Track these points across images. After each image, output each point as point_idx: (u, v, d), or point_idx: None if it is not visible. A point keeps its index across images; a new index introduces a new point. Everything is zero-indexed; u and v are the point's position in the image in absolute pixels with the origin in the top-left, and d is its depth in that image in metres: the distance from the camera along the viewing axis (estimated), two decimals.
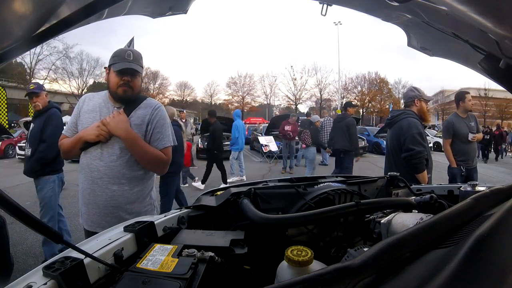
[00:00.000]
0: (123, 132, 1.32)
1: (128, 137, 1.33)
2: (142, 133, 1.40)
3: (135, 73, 1.39)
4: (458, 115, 3.27)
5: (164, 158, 1.44)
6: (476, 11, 0.50)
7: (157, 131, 1.43)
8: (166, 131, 1.46)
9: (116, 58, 1.37)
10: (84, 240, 0.72)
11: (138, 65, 1.39)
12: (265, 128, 12.13)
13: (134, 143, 1.35)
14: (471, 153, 3.24)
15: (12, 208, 0.44)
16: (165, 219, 0.84)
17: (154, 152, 1.40)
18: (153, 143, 1.42)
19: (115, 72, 1.35)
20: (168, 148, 1.46)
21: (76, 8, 0.42)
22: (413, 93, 2.36)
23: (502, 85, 0.87)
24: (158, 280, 0.50)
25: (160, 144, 1.43)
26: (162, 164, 1.45)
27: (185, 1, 1.04)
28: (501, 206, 0.53)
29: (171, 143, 1.49)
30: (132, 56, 1.37)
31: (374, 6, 1.03)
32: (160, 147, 1.43)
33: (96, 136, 1.32)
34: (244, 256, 0.68)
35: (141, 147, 1.36)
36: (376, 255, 0.40)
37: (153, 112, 1.45)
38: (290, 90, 36.67)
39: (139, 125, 1.40)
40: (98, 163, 1.35)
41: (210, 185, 5.80)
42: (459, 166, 3.19)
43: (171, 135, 1.51)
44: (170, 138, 1.49)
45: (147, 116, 1.43)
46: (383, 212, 0.81)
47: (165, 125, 1.47)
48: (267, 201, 0.98)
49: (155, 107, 1.47)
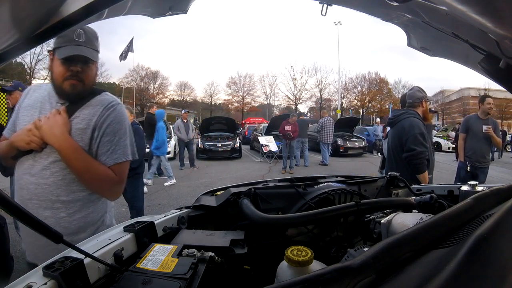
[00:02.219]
0: (57, 139, 0.98)
1: (63, 147, 0.98)
2: (86, 142, 1.03)
3: (88, 60, 1.03)
4: (477, 115, 3.54)
5: (114, 178, 1.06)
6: (476, 11, 0.50)
7: (106, 140, 1.05)
8: (121, 140, 1.08)
9: (61, 40, 0.98)
10: (84, 240, 0.72)
11: (92, 49, 1.03)
12: (265, 128, 12.12)
13: (71, 155, 0.99)
14: (478, 151, 3.45)
15: (12, 208, 0.44)
16: (165, 219, 0.84)
17: (99, 169, 1.03)
18: (100, 156, 1.05)
19: (60, 60, 0.99)
20: (122, 164, 1.08)
21: (76, 8, 0.42)
22: (421, 94, 2.36)
23: (502, 85, 0.87)
24: (158, 280, 0.50)
25: (110, 159, 1.05)
26: (110, 187, 1.07)
27: (185, 1, 1.04)
28: (501, 206, 0.53)
29: (128, 158, 1.10)
30: (83, 36, 1.00)
31: (374, 6, 1.03)
32: (109, 162, 1.05)
33: (26, 143, 0.98)
34: (244, 256, 0.68)
35: (80, 161, 1.00)
36: (376, 255, 0.40)
37: (104, 112, 1.07)
38: (290, 90, 36.68)
39: (83, 129, 1.03)
40: (28, 179, 1.00)
41: (210, 185, 5.80)
42: (465, 161, 3.50)
43: (130, 146, 1.12)
44: (126, 150, 1.10)
45: (95, 117, 1.05)
46: (383, 212, 0.81)
47: (120, 131, 1.08)
48: (267, 201, 0.98)
49: (108, 105, 1.08)
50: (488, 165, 3.54)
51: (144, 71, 35.87)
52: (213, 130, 10.95)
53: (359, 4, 1.05)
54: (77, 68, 1.01)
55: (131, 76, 33.67)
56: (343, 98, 34.79)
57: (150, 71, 36.38)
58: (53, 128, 0.98)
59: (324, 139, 8.70)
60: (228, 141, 10.15)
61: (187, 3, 1.05)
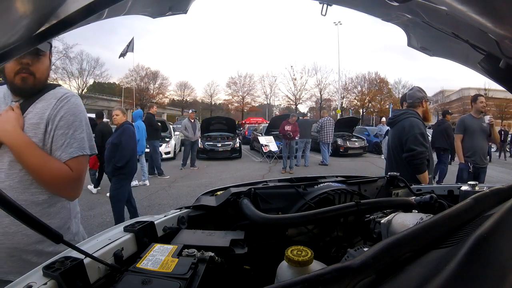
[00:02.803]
0: (9, 135, 0.92)
1: (15, 143, 0.93)
2: (40, 137, 0.97)
3: (38, 52, 0.99)
4: (471, 115, 3.53)
5: (69, 174, 0.98)
6: (476, 11, 0.50)
7: (60, 134, 0.99)
8: (76, 133, 1.02)
9: None
10: (84, 240, 0.72)
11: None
12: (265, 128, 12.12)
13: (25, 152, 0.93)
14: (478, 150, 3.44)
15: (12, 208, 0.44)
16: (165, 219, 0.84)
17: (53, 165, 0.96)
18: (55, 151, 0.99)
19: None
20: (78, 159, 1.01)
21: (76, 8, 0.42)
22: (421, 94, 2.36)
23: (502, 85, 0.87)
24: (158, 280, 0.50)
25: (65, 153, 0.99)
26: (66, 184, 0.99)
27: (185, 1, 1.04)
28: (501, 206, 0.53)
29: (85, 152, 1.04)
30: None
31: (374, 6, 1.03)
32: (64, 157, 0.98)
33: None
34: (244, 256, 0.68)
35: (35, 158, 0.94)
36: (376, 255, 0.40)
37: (58, 104, 1.01)
38: (290, 90, 36.71)
39: (36, 124, 0.98)
40: None
41: (210, 185, 5.81)
42: (466, 163, 3.46)
43: (87, 139, 1.06)
44: (83, 143, 1.03)
45: (48, 111, 0.99)
46: (383, 212, 0.81)
47: (74, 124, 1.02)
48: (267, 201, 0.98)
49: (61, 97, 1.02)
50: (487, 164, 3.54)
51: (144, 71, 35.96)
52: (213, 130, 10.95)
53: (359, 4, 1.05)
54: (27, 60, 0.97)
55: (131, 76, 33.74)
56: (343, 98, 34.80)
57: (150, 71, 36.48)
58: (4, 124, 0.93)
59: (324, 139, 8.71)
60: (228, 141, 10.15)
61: (187, 3, 1.05)
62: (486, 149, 3.61)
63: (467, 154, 3.46)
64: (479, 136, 3.43)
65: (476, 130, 3.42)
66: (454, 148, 5.33)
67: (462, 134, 3.52)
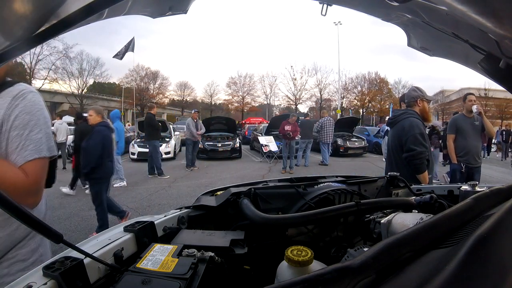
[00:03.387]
0: None
1: None
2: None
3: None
4: (463, 115, 3.50)
5: (23, 180, 0.87)
6: (476, 11, 0.50)
7: (15, 135, 0.88)
8: (32, 134, 0.91)
9: None
10: (84, 240, 0.72)
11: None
12: (265, 128, 12.12)
13: None
14: (471, 149, 3.40)
15: (12, 208, 0.44)
16: (165, 219, 0.84)
17: (6, 170, 0.86)
18: (11, 155, 0.88)
19: None
20: (35, 162, 0.90)
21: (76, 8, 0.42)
22: (415, 93, 2.36)
23: (502, 85, 0.87)
24: (158, 280, 0.50)
25: (20, 157, 0.88)
26: (20, 191, 0.87)
27: (185, 1, 1.04)
28: (501, 206, 0.53)
29: (42, 154, 0.92)
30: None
31: (374, 6, 1.03)
32: (19, 161, 0.88)
33: None
34: (244, 256, 0.68)
35: None
36: (376, 255, 0.40)
37: (13, 102, 0.90)
38: (290, 90, 36.69)
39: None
40: None
41: (210, 185, 5.81)
42: (459, 163, 3.41)
43: (45, 140, 0.94)
44: (40, 145, 0.92)
45: (2, 110, 0.89)
46: (383, 212, 0.81)
47: (30, 123, 0.91)
48: (267, 201, 0.98)
49: (17, 95, 0.91)
50: (481, 163, 3.48)
51: (144, 71, 36.00)
52: (213, 130, 10.95)
53: (359, 4, 1.05)
54: None
55: (131, 76, 33.78)
56: (343, 98, 34.80)
57: (150, 71, 36.51)
58: None
59: (324, 139, 8.71)
60: (228, 141, 10.16)
61: (187, 3, 1.05)
62: (480, 148, 3.57)
63: (460, 154, 3.43)
64: (472, 135, 3.39)
65: (469, 129, 3.38)
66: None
67: (454, 134, 3.49)
